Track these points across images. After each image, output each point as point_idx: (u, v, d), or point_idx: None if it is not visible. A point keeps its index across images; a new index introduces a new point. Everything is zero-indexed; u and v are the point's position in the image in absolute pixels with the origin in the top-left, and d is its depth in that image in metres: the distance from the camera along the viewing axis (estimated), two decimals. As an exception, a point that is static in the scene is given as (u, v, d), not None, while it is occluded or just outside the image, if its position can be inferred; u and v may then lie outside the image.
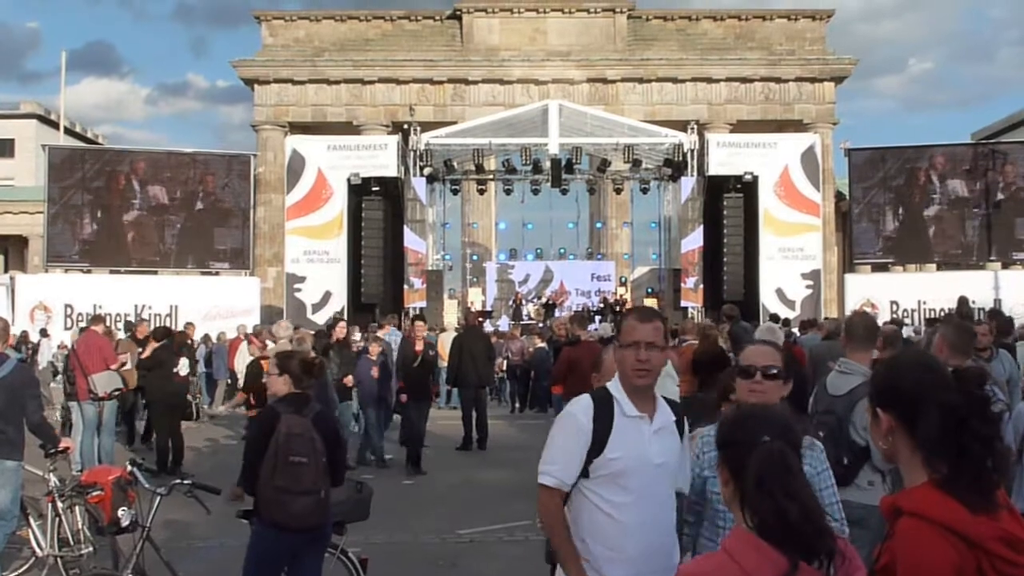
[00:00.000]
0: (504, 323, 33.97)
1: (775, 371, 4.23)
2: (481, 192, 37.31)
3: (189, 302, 28.79)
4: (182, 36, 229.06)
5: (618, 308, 32.92)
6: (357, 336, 19.10)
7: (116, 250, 30.77)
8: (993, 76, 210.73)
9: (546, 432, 4.13)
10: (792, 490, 2.61)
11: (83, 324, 22.53)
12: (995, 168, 29.82)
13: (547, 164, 31.98)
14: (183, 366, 16.13)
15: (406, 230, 30.52)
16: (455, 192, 36.71)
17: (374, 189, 29.54)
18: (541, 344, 24.92)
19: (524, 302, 35.73)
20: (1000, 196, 29.66)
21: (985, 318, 14.68)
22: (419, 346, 16.14)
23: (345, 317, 28.20)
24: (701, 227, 30.51)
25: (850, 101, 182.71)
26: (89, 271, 30.86)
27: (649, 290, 38.10)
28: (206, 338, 25.81)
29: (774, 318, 24.10)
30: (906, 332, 20.22)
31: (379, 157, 30.00)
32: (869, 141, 55.57)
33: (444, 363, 20.46)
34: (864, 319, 6.74)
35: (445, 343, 21.54)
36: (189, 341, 19.57)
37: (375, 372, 15.60)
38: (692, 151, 30.89)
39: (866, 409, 2.72)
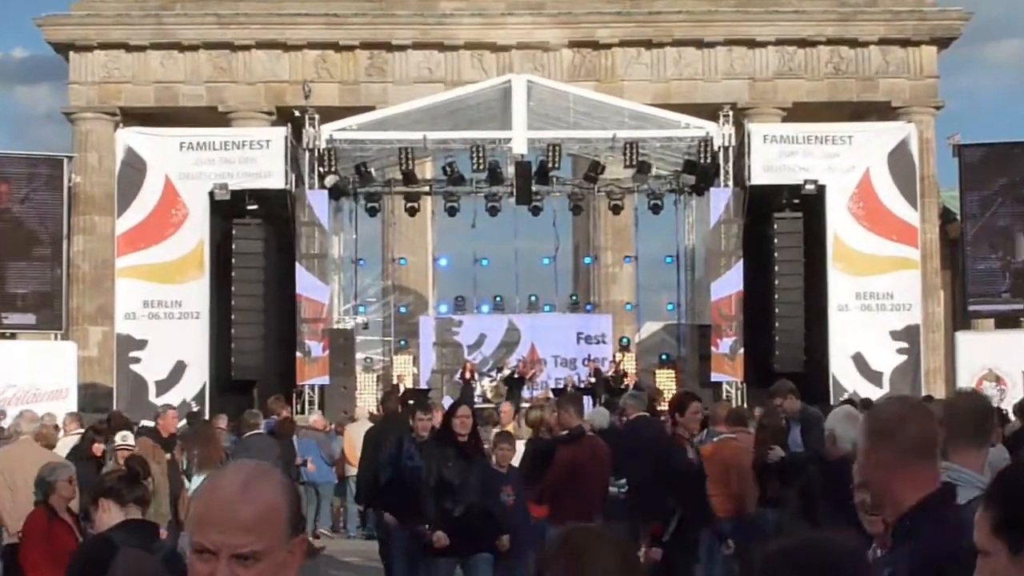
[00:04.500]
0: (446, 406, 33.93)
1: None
2: (412, 212, 37.28)
3: (-28, 381, 28.54)
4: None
5: (620, 384, 32.74)
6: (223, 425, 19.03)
7: None
8: None
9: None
10: None
11: None
12: None
13: (510, 170, 32.08)
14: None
15: (299, 269, 30.53)
16: (372, 212, 36.66)
17: (251, 208, 29.57)
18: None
19: (477, 376, 35.62)
20: None
21: None
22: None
23: (207, 401, 28.20)
24: (740, 263, 30.72)
25: (959, 76, 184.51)
26: None
27: (663, 357, 38.06)
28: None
29: (865, 402, 24.18)
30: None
31: (258, 160, 30.08)
32: (988, 134, 55.98)
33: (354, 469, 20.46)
34: (972, 402, 6.86)
35: (355, 440, 21.51)
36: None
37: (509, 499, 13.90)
38: (726, 149, 31.21)
39: (987, 536, 2.80)
